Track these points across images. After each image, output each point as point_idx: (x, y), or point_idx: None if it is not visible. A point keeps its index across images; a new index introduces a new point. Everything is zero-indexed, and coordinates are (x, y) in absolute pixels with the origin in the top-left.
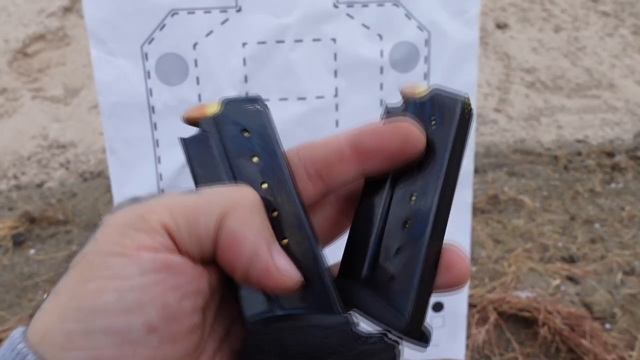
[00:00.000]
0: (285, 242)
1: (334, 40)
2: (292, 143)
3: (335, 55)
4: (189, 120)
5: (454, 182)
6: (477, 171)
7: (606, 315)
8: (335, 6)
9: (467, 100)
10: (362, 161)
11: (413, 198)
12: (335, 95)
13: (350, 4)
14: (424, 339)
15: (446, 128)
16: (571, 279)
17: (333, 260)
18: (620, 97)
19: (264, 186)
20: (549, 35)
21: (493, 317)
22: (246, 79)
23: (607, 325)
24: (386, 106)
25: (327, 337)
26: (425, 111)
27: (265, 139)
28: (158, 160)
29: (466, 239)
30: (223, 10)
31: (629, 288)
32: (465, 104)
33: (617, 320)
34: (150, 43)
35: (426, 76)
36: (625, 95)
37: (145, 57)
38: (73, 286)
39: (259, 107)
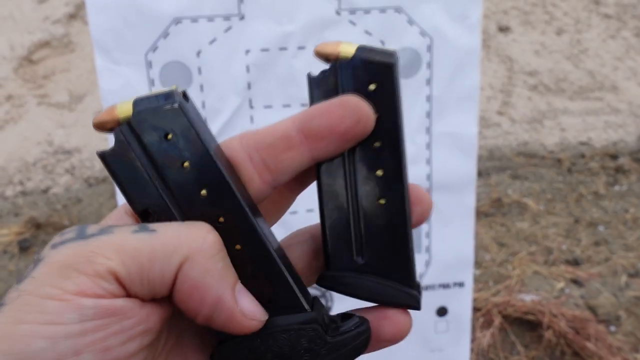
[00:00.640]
0: (238, 248)
1: None
2: None
3: None
4: (100, 126)
5: (404, 141)
6: (481, 174)
7: (611, 318)
8: (337, 13)
9: (397, 54)
10: (313, 145)
11: (379, 173)
12: None
13: (352, 11)
14: (420, 302)
15: (388, 91)
16: (576, 282)
17: None
18: (623, 100)
19: (203, 193)
20: (551, 38)
21: (497, 321)
22: (249, 86)
23: (612, 328)
24: (309, 75)
25: (298, 339)
26: (359, 75)
27: (191, 140)
28: None
29: (470, 244)
30: (226, 18)
31: (634, 290)
32: (397, 60)
33: (622, 322)
34: (154, 51)
35: (428, 82)
36: (628, 97)
37: (149, 66)
38: (5, 327)
39: (175, 105)
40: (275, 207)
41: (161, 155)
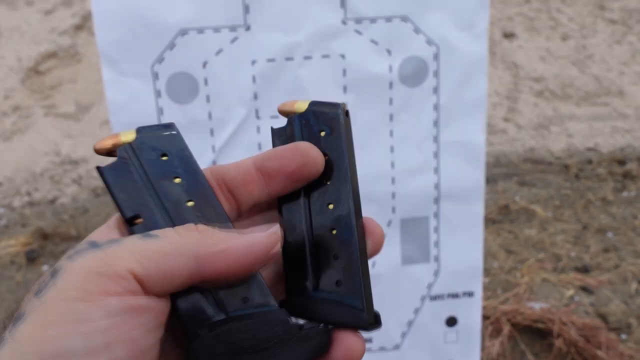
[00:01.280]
0: None
1: (343, 56)
2: None
3: (344, 71)
4: (102, 150)
5: (356, 177)
6: (488, 181)
7: (622, 325)
8: (343, 23)
9: (344, 105)
10: (268, 182)
11: (330, 207)
12: None
13: (358, 20)
14: (378, 322)
15: (336, 136)
16: (585, 289)
17: None
18: (630, 104)
19: (190, 204)
20: (557, 43)
21: (507, 329)
22: (256, 96)
23: (623, 335)
24: (272, 128)
25: (272, 328)
26: (311, 124)
27: (185, 160)
28: None
29: (479, 253)
30: (232, 29)
31: None
32: (344, 110)
33: (633, 330)
34: (160, 63)
35: (435, 90)
36: (635, 102)
37: (156, 77)
38: (32, 332)
39: (174, 132)
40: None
41: (157, 170)
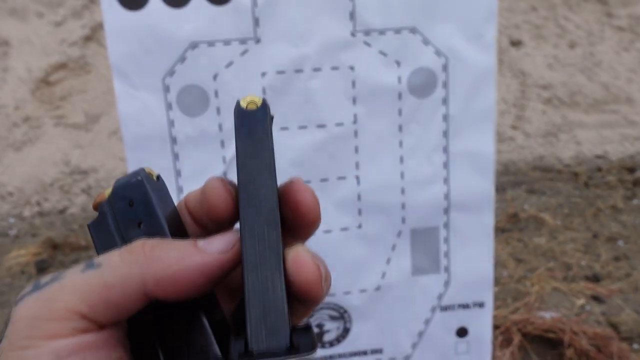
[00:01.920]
0: None
1: (352, 68)
2: (313, 170)
3: (353, 82)
4: (95, 208)
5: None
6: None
7: (634, 335)
8: (352, 35)
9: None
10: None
11: None
12: (354, 122)
13: (367, 32)
14: (310, 346)
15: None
16: (596, 298)
17: None
18: (638, 111)
19: None
20: (564, 51)
21: (517, 339)
22: None
23: (635, 345)
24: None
25: None
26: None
27: (146, 205)
28: (180, 190)
29: (489, 263)
30: (242, 41)
31: None
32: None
33: None
34: (171, 76)
35: (445, 101)
36: None
37: (167, 90)
38: None
39: (139, 178)
40: None
41: (125, 219)
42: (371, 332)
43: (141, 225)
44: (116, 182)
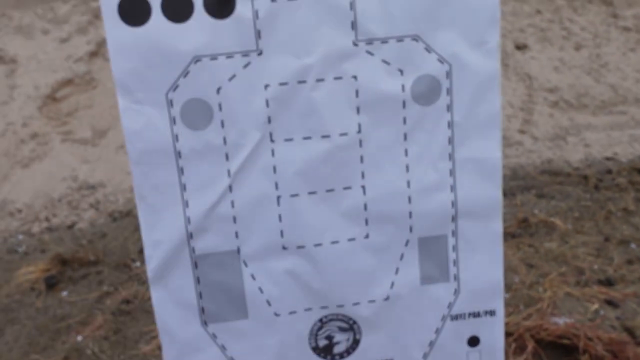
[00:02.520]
0: None
1: (355, 77)
2: (318, 180)
3: (357, 92)
4: None
5: None
6: (505, 194)
7: None
8: (355, 44)
9: None
10: None
11: None
12: (358, 131)
13: (369, 41)
14: None
15: None
16: (610, 303)
17: None
18: None
19: None
20: (570, 53)
21: (531, 346)
22: (270, 120)
23: None
24: None
25: None
26: None
27: None
28: (186, 204)
29: (499, 271)
30: (245, 54)
31: None
32: None
33: None
34: (175, 90)
35: (449, 108)
36: None
37: (170, 104)
38: None
39: None
40: None
41: None
42: (381, 343)
43: None
44: None
